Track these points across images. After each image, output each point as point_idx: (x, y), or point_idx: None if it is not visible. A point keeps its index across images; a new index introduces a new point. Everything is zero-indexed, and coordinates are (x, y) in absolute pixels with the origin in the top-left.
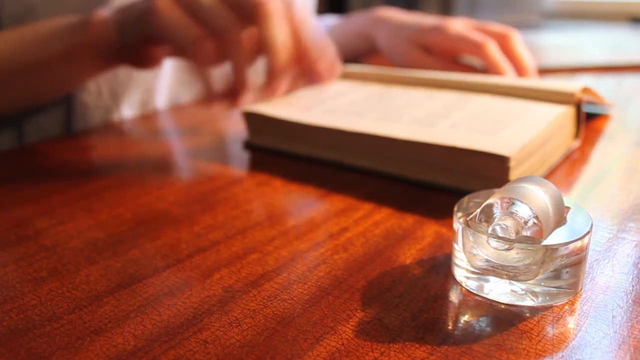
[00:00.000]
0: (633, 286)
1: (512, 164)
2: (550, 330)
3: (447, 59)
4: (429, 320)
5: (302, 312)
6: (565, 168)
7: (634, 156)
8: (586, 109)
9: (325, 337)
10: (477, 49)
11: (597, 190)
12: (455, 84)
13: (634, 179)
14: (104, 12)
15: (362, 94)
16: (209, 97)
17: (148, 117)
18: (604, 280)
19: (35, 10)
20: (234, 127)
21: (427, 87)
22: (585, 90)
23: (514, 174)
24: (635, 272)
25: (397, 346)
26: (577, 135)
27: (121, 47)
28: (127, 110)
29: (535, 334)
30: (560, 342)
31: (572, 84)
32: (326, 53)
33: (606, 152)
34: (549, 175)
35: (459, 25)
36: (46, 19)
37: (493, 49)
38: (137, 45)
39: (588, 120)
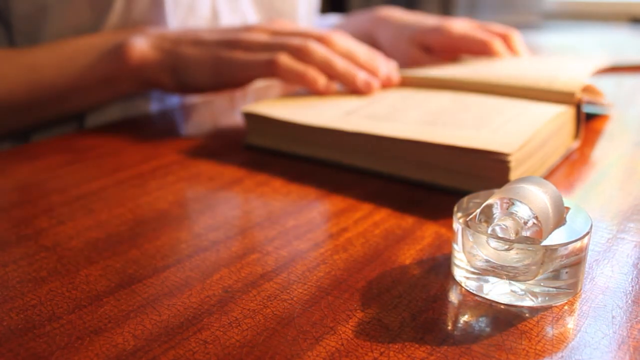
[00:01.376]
0: (632, 286)
1: (512, 163)
2: (549, 331)
3: (447, 59)
4: (428, 320)
5: (302, 312)
6: (565, 168)
7: (634, 157)
8: (586, 109)
9: (324, 337)
10: (484, 46)
11: (596, 190)
12: (455, 83)
13: (633, 180)
14: (144, 48)
15: (362, 94)
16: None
17: (149, 117)
18: (603, 281)
19: (47, 9)
20: (234, 127)
21: (427, 87)
22: (587, 88)
23: (513, 174)
24: (635, 272)
25: (396, 346)
26: (576, 135)
27: (174, 85)
28: (130, 110)
29: (535, 334)
30: (559, 342)
31: (573, 82)
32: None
33: (606, 152)
34: (549, 175)
35: (460, 25)
36: (85, 35)
37: (500, 46)
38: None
39: (588, 120)
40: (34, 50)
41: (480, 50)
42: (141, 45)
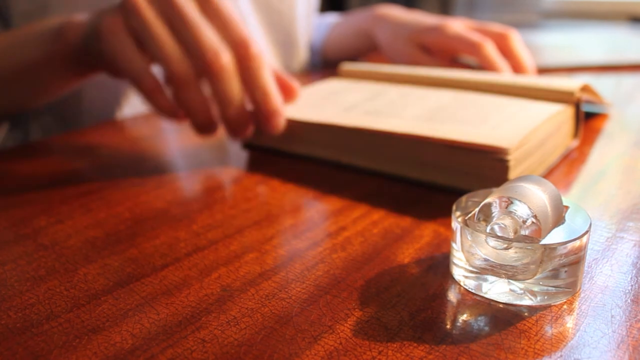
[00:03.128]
0: (632, 286)
1: (511, 162)
2: (548, 330)
3: (445, 59)
4: (427, 319)
5: (300, 311)
6: (564, 167)
7: (633, 156)
8: (585, 108)
9: (323, 336)
10: (474, 49)
11: (595, 189)
12: (454, 82)
13: (632, 179)
14: (81, 17)
15: (360, 92)
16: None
17: (149, 116)
18: (602, 280)
19: (48, 7)
20: None
21: (426, 85)
22: (585, 88)
23: (513, 173)
24: (634, 271)
25: (395, 345)
26: (576, 134)
27: (89, 55)
28: (129, 108)
29: (534, 333)
30: (558, 341)
31: (572, 82)
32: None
33: (605, 151)
34: (548, 174)
35: (457, 25)
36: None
37: (490, 49)
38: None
39: (587, 119)
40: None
41: (470, 52)
42: (80, 18)
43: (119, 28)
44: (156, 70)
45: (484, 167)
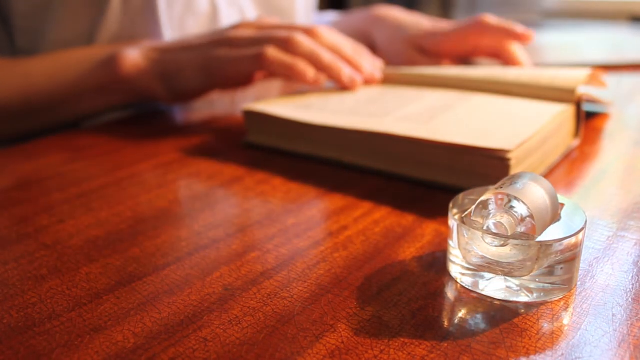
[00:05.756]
0: (633, 284)
1: (512, 161)
2: (550, 329)
3: (443, 61)
4: (428, 318)
5: (302, 310)
6: (565, 167)
7: (634, 155)
8: (586, 107)
9: (324, 335)
10: (474, 52)
11: (596, 189)
12: (456, 81)
13: (633, 178)
14: (136, 58)
15: (361, 92)
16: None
17: (149, 115)
18: (603, 279)
19: (49, 8)
20: (234, 126)
21: (428, 85)
22: (592, 76)
23: (514, 172)
24: (635, 270)
25: (396, 344)
26: (577, 134)
27: (157, 91)
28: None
29: (535, 332)
30: (559, 340)
31: (577, 74)
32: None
33: (606, 151)
34: (549, 174)
35: (455, 29)
36: (77, 47)
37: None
38: (199, 91)
39: (588, 119)
40: (30, 60)
41: (496, 46)
42: (133, 55)
43: (279, 55)
44: None
45: (486, 166)
